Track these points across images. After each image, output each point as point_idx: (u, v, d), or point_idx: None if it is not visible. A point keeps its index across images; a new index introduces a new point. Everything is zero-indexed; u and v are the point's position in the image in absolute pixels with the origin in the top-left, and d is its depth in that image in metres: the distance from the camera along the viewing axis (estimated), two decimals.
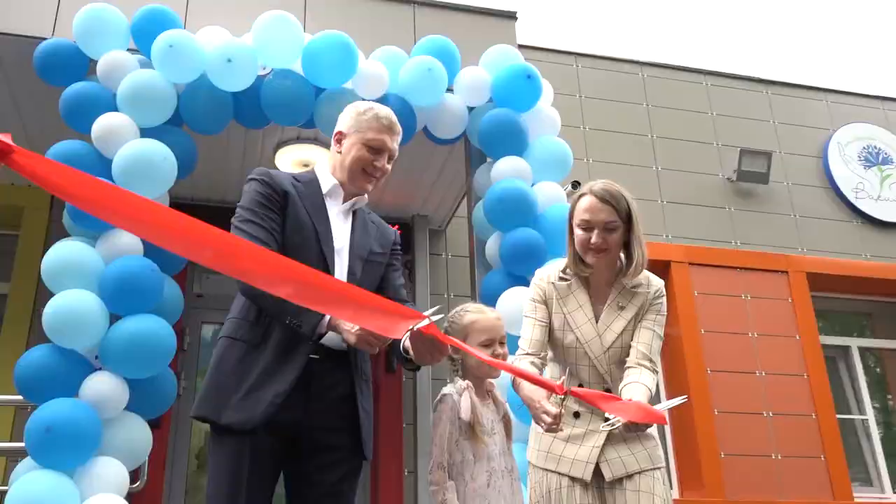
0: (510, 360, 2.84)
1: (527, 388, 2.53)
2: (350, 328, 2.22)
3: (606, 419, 2.59)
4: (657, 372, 2.69)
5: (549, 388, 2.30)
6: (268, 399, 2.31)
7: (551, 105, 4.92)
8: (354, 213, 2.73)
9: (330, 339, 2.42)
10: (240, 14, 4.64)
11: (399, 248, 2.88)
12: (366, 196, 2.74)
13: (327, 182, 2.68)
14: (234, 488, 2.27)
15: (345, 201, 2.69)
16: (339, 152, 2.69)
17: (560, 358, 2.80)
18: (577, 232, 2.76)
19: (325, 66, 4.33)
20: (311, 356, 2.40)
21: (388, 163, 2.71)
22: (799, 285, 7.04)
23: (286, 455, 2.44)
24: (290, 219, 2.53)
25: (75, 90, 4.13)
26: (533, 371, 2.65)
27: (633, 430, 2.49)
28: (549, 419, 2.39)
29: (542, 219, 4.43)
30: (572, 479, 2.63)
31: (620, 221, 2.73)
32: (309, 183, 2.67)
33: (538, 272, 2.96)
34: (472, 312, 2.91)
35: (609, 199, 2.71)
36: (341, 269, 2.56)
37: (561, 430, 2.46)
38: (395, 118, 2.73)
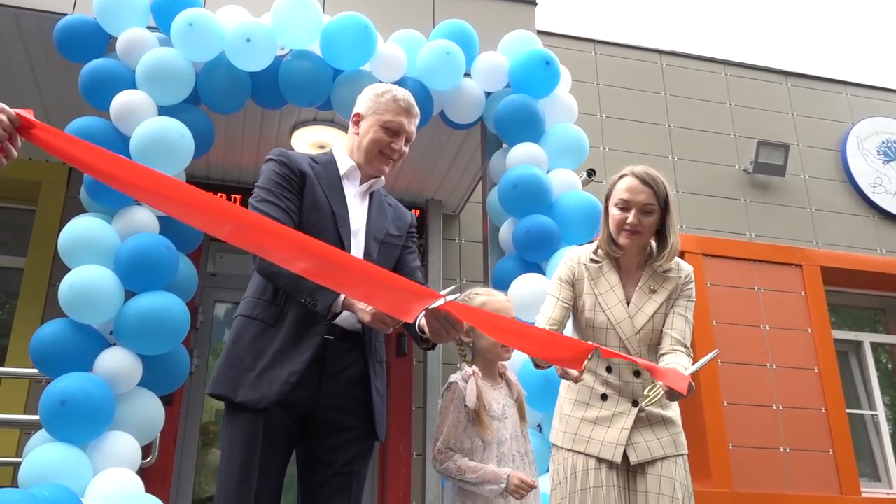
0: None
1: None
2: (364, 307, 2.23)
3: (635, 403, 2.68)
4: (692, 357, 2.72)
5: (580, 351, 2.32)
6: (282, 378, 2.33)
7: (568, 92, 4.90)
8: (371, 194, 2.73)
9: (345, 319, 2.44)
10: None
11: (415, 230, 2.89)
12: (383, 178, 2.74)
13: (345, 164, 2.68)
14: (246, 465, 2.29)
15: (362, 183, 2.69)
16: (357, 134, 2.69)
17: (589, 341, 2.78)
18: (614, 211, 2.79)
19: (344, 47, 4.32)
20: (326, 337, 2.41)
21: (406, 145, 2.71)
22: (813, 279, 7.00)
23: (299, 434, 2.46)
24: (308, 199, 2.54)
25: (94, 67, 4.14)
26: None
27: (671, 399, 2.51)
28: (576, 373, 2.40)
29: (556, 206, 4.42)
30: (599, 460, 2.66)
31: (657, 205, 2.76)
32: (326, 164, 2.67)
33: (569, 252, 2.97)
34: (483, 295, 2.95)
35: (649, 182, 2.75)
36: (357, 250, 2.57)
37: (582, 379, 2.50)
38: (413, 100, 2.72)
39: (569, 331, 2.93)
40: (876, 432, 7.06)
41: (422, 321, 2.31)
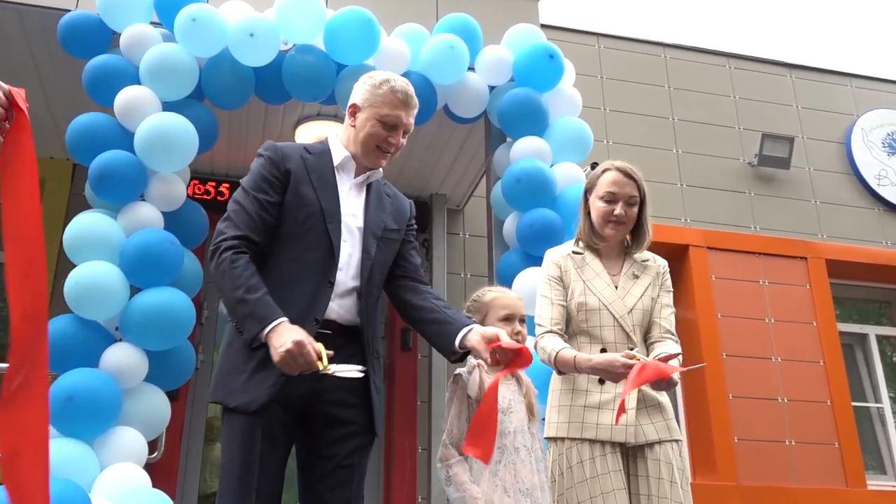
0: (532, 339, 2.92)
1: (595, 358, 2.66)
2: (277, 346, 2.19)
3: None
4: (678, 342, 2.89)
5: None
6: (271, 380, 2.29)
7: (572, 85, 4.89)
8: (368, 186, 2.68)
9: (341, 316, 2.45)
10: None
11: (415, 222, 2.84)
12: (380, 170, 2.70)
13: (339, 154, 2.63)
14: (246, 465, 2.27)
15: (357, 174, 2.65)
16: (353, 126, 2.63)
17: (583, 327, 2.88)
18: (599, 204, 2.95)
19: (347, 42, 4.32)
20: (323, 331, 2.39)
21: (403, 137, 2.66)
22: (818, 272, 6.99)
23: (298, 429, 2.44)
24: (293, 197, 2.48)
25: (98, 63, 4.14)
26: (564, 343, 2.81)
27: (659, 389, 2.72)
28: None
29: (560, 199, 4.42)
30: (602, 445, 2.72)
31: (639, 197, 2.95)
32: (320, 154, 2.63)
33: (550, 252, 3.09)
34: (494, 291, 3.02)
35: (633, 175, 2.95)
36: (354, 247, 2.53)
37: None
38: (411, 91, 2.65)
39: None
40: (881, 425, 7.06)
41: (472, 343, 2.41)
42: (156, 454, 4.20)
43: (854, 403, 6.72)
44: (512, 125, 4.61)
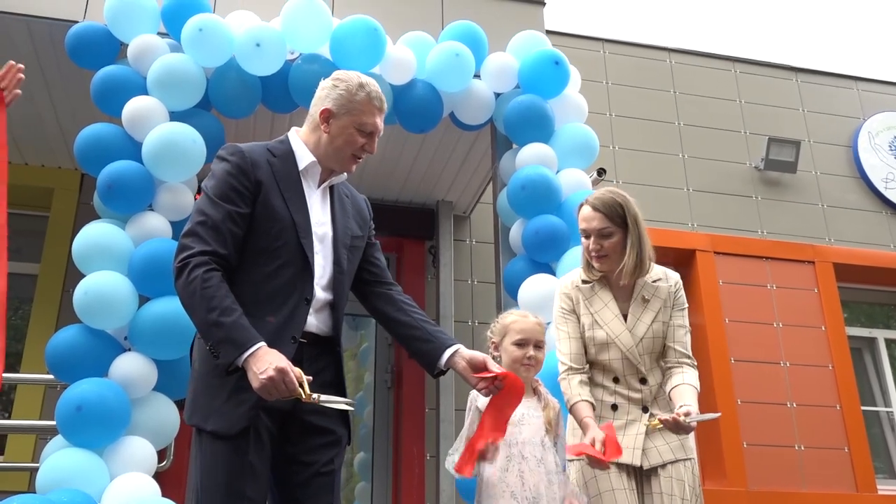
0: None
1: (591, 431, 2.70)
2: (257, 372, 2.12)
3: (645, 409, 2.85)
4: (696, 366, 2.90)
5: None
6: (252, 400, 2.21)
7: (578, 91, 4.89)
8: (331, 189, 2.63)
9: (318, 327, 2.44)
10: None
11: (373, 220, 2.80)
12: (344, 174, 2.64)
13: (304, 158, 2.54)
14: (233, 494, 2.22)
15: (322, 180, 2.58)
16: (327, 133, 2.52)
17: (594, 359, 2.93)
18: (582, 240, 2.96)
19: (353, 50, 4.33)
20: (300, 340, 2.36)
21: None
22: (825, 275, 6.98)
23: (279, 437, 2.39)
24: (264, 209, 2.40)
25: (106, 73, 4.17)
26: (586, 393, 2.85)
27: (677, 432, 2.72)
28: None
29: (565, 206, 4.42)
30: (618, 465, 2.75)
31: (614, 227, 2.88)
32: (284, 158, 2.53)
33: (559, 283, 3.11)
34: (514, 314, 3.07)
35: (600, 208, 2.89)
36: (326, 259, 2.49)
37: (609, 467, 2.69)
38: (382, 93, 2.59)
39: None
40: (891, 429, 7.03)
41: (457, 367, 2.50)
42: (165, 463, 4.21)
43: (863, 408, 6.69)
44: (518, 132, 4.62)
